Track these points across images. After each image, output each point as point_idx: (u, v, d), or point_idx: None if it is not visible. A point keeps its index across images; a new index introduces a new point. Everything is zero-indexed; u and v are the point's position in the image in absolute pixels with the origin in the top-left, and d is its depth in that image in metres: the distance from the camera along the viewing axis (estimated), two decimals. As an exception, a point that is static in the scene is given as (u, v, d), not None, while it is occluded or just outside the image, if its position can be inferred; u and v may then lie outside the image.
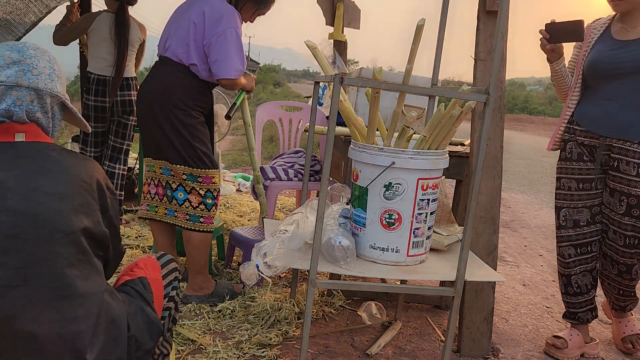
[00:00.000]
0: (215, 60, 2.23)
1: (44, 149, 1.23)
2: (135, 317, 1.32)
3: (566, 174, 2.29)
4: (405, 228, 1.71)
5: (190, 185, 2.31)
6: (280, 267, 1.67)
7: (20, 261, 1.11)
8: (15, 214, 1.12)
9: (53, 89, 1.28)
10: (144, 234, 3.37)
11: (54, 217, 1.15)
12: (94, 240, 1.24)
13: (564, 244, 2.30)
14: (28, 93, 1.24)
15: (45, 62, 1.28)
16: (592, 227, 2.26)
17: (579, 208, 2.26)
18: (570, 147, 2.28)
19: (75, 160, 1.27)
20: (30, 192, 1.15)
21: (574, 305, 2.33)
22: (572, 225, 2.27)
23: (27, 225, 1.13)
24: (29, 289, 1.11)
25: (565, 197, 2.29)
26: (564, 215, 2.29)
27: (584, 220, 2.26)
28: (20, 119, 1.23)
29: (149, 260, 1.52)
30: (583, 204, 2.26)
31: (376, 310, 2.36)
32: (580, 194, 2.26)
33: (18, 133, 1.23)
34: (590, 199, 2.25)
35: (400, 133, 1.72)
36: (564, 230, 2.29)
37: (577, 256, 2.28)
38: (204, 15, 2.22)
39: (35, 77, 1.25)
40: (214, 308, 2.39)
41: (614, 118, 2.13)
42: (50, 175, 1.19)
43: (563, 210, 2.29)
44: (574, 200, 2.27)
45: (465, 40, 2.29)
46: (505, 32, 1.98)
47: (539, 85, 61.21)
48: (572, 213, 2.27)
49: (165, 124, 2.25)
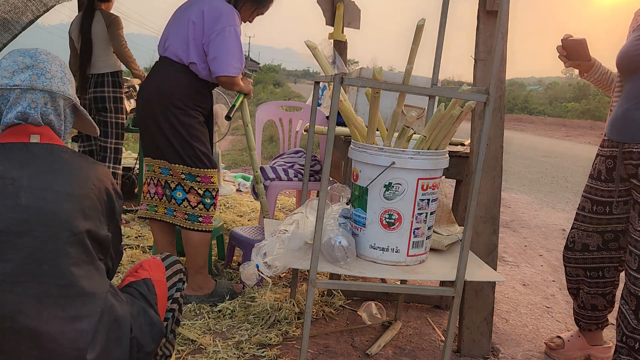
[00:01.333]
0: (214, 57, 2.23)
1: (57, 151, 1.27)
2: (138, 318, 1.32)
3: (585, 191, 2.09)
4: (405, 228, 1.71)
5: (189, 184, 2.31)
6: (280, 267, 1.67)
7: (27, 257, 1.13)
8: (27, 210, 1.15)
9: (65, 91, 1.33)
10: (144, 234, 3.37)
11: (63, 217, 1.18)
12: (96, 243, 1.26)
13: (570, 264, 2.14)
14: (42, 96, 1.29)
15: (57, 67, 1.33)
16: (605, 253, 2.05)
17: (588, 232, 2.06)
18: (596, 162, 2.06)
19: (86, 164, 1.30)
20: (42, 191, 1.18)
21: (580, 314, 2.22)
22: (581, 248, 2.09)
23: (37, 223, 1.15)
24: (35, 285, 1.13)
25: (577, 217, 2.11)
26: (572, 237, 2.11)
27: (594, 245, 2.06)
28: (35, 121, 1.28)
29: (153, 261, 1.53)
30: (594, 228, 2.04)
31: (376, 310, 2.36)
32: (591, 217, 2.04)
33: (33, 135, 1.27)
34: (603, 224, 2.02)
35: (400, 133, 1.72)
36: (571, 252, 2.12)
37: (587, 278, 2.12)
38: (203, 14, 2.23)
39: (48, 80, 1.29)
40: (214, 308, 2.39)
41: (630, 120, 1.86)
42: (61, 176, 1.23)
43: (572, 231, 2.12)
44: (584, 222, 2.07)
45: (465, 40, 2.29)
46: (505, 32, 1.98)
47: (539, 85, 61.21)
48: (581, 236, 2.08)
49: (164, 124, 2.26)
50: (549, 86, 49.18)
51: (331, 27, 4.08)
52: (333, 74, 1.62)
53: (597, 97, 29.97)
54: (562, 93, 40.24)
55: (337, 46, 4.03)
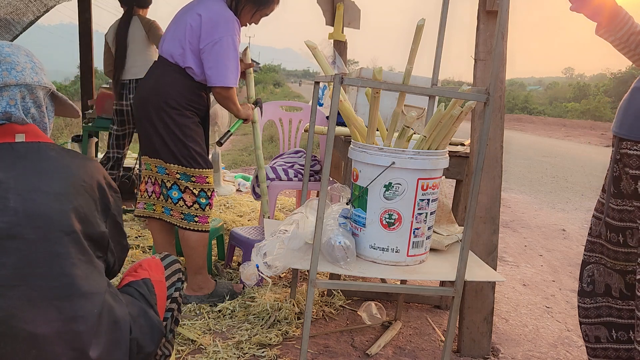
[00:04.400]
0: (210, 67, 2.23)
1: (44, 149, 1.23)
2: (138, 319, 1.31)
3: (596, 210, 1.54)
4: (405, 228, 1.71)
5: (184, 184, 2.31)
6: (280, 267, 1.67)
7: (20, 261, 1.11)
8: (16, 213, 1.13)
9: (40, 81, 1.27)
10: (144, 234, 3.37)
11: (54, 217, 1.16)
12: (92, 240, 1.24)
13: (588, 320, 1.54)
14: (19, 90, 1.24)
15: (24, 57, 1.27)
16: (631, 303, 1.47)
17: (608, 269, 1.51)
18: (610, 167, 1.50)
19: (75, 160, 1.27)
20: (30, 192, 1.16)
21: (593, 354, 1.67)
22: (603, 292, 1.51)
23: (27, 225, 1.13)
24: (29, 289, 1.11)
25: (590, 246, 1.54)
26: (590, 276, 1.52)
27: (616, 289, 1.50)
28: (19, 119, 1.24)
29: (153, 261, 1.52)
30: (612, 264, 1.50)
31: (376, 310, 2.36)
32: (609, 249, 1.50)
33: (18, 134, 1.23)
34: (621, 260, 1.48)
35: (400, 133, 1.72)
36: (588, 299, 1.53)
37: (610, 343, 1.53)
38: (201, 18, 2.22)
39: (20, 74, 1.24)
40: (214, 308, 2.39)
41: (626, 109, 1.46)
42: (50, 175, 1.20)
43: (589, 267, 1.53)
44: (603, 254, 1.52)
45: (465, 40, 2.29)
46: (505, 32, 1.98)
47: (539, 85, 61.25)
48: (602, 274, 1.52)
49: (158, 124, 2.26)
50: (549, 86, 49.23)
51: (331, 27, 4.08)
52: (333, 74, 1.62)
53: (597, 97, 29.98)
54: (562, 93, 40.26)
55: (337, 46, 4.04)
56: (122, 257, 1.42)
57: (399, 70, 3.19)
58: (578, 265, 1.65)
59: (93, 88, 4.88)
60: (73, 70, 15.15)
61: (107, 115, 3.83)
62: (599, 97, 30.95)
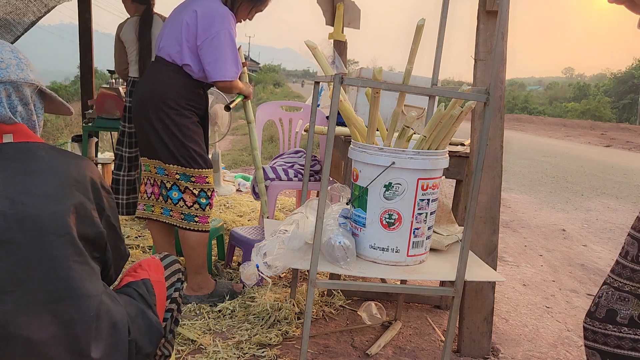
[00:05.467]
0: (210, 62, 2.23)
1: (33, 149, 1.19)
2: (136, 320, 1.30)
3: (631, 226, 1.31)
4: (405, 228, 1.71)
5: (184, 184, 2.31)
6: (280, 267, 1.67)
7: (13, 266, 1.08)
8: (5, 218, 1.09)
9: (26, 77, 1.22)
10: (144, 234, 3.37)
11: (45, 219, 1.12)
12: (88, 241, 1.21)
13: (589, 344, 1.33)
14: (3, 88, 1.19)
15: (9, 53, 1.22)
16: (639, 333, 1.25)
17: (623, 292, 1.28)
18: None
19: (66, 159, 1.22)
20: (20, 195, 1.12)
21: None
22: (604, 317, 1.29)
23: (18, 229, 1.09)
24: (23, 294, 1.09)
25: (614, 267, 1.32)
26: (599, 297, 1.32)
27: (625, 316, 1.26)
28: (6, 118, 1.19)
29: (152, 261, 1.50)
30: (630, 287, 1.27)
31: (376, 310, 2.36)
32: (632, 269, 1.27)
33: (5, 134, 1.18)
34: None
35: (400, 133, 1.72)
36: (598, 323, 1.30)
37: None
38: (197, 15, 2.22)
39: (4, 71, 1.19)
40: (214, 308, 2.39)
41: None
42: (40, 176, 1.16)
43: (603, 287, 1.32)
44: (621, 277, 1.29)
45: (465, 40, 2.29)
46: (505, 32, 1.98)
47: (539, 85, 61.24)
48: (610, 297, 1.29)
49: (157, 124, 2.25)
50: (549, 86, 49.24)
51: (331, 27, 4.09)
52: (333, 74, 1.62)
53: (597, 97, 30.00)
54: (562, 93, 40.28)
55: (337, 46, 4.04)
56: (119, 263, 1.38)
57: (399, 70, 3.20)
58: (578, 265, 1.63)
59: (93, 88, 4.87)
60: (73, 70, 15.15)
61: (107, 115, 3.82)
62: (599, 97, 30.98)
